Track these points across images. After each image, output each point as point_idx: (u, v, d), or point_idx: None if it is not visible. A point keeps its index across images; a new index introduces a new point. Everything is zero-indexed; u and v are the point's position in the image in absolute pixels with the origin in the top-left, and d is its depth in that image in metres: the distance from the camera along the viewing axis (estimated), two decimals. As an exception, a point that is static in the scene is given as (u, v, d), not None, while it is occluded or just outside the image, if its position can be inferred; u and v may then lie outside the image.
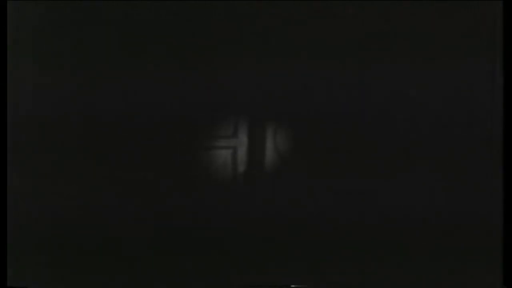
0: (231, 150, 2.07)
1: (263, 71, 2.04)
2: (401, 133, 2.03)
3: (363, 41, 2.03)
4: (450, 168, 2.01)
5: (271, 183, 2.04)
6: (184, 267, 2.02)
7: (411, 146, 2.02)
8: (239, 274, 2.02)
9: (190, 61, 2.05)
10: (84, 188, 2.03)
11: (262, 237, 2.02)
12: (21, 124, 2.04)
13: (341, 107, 2.03)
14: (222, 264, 2.02)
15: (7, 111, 2.02)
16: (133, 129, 2.04)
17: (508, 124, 1.99)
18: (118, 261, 2.02)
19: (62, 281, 2.02)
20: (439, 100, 2.02)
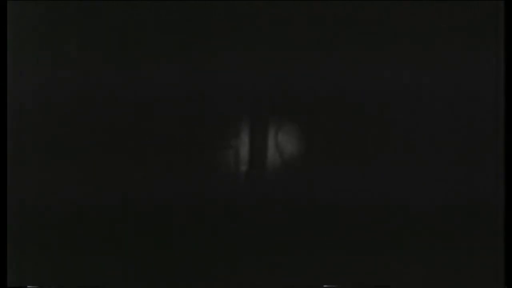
0: (232, 149, 2.07)
1: (264, 71, 2.04)
2: (402, 131, 2.02)
3: (365, 39, 2.03)
4: (451, 168, 2.01)
5: (272, 181, 2.05)
6: (184, 267, 2.03)
7: (412, 144, 2.02)
8: (239, 273, 2.02)
9: (191, 61, 2.06)
10: (84, 187, 2.04)
11: (262, 236, 2.03)
12: (22, 124, 2.05)
13: (343, 105, 2.03)
14: (223, 264, 2.03)
15: (7, 111, 2.03)
16: (134, 129, 2.05)
17: (509, 122, 1.99)
18: (118, 260, 2.03)
19: (62, 281, 2.03)
20: (442, 97, 2.02)
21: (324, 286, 2.00)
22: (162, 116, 2.05)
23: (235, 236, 2.03)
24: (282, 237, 2.02)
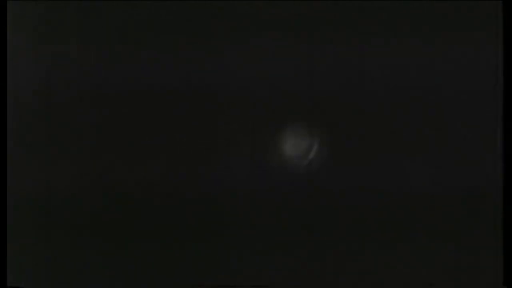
0: (232, 149, 2.08)
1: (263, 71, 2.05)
2: (402, 131, 2.03)
3: (365, 39, 2.04)
4: (450, 167, 2.01)
5: (273, 181, 2.05)
6: (184, 267, 2.03)
7: (411, 144, 2.03)
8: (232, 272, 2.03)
9: (191, 61, 2.06)
10: (84, 187, 2.04)
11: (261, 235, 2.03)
12: (22, 124, 2.05)
13: (343, 105, 2.03)
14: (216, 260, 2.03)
15: (7, 111, 2.03)
16: (134, 129, 2.05)
17: (508, 123, 1.99)
18: (118, 260, 2.03)
19: (62, 281, 2.03)
20: (442, 97, 2.03)
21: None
22: (162, 116, 2.05)
23: (235, 236, 2.03)
24: (282, 237, 2.03)
